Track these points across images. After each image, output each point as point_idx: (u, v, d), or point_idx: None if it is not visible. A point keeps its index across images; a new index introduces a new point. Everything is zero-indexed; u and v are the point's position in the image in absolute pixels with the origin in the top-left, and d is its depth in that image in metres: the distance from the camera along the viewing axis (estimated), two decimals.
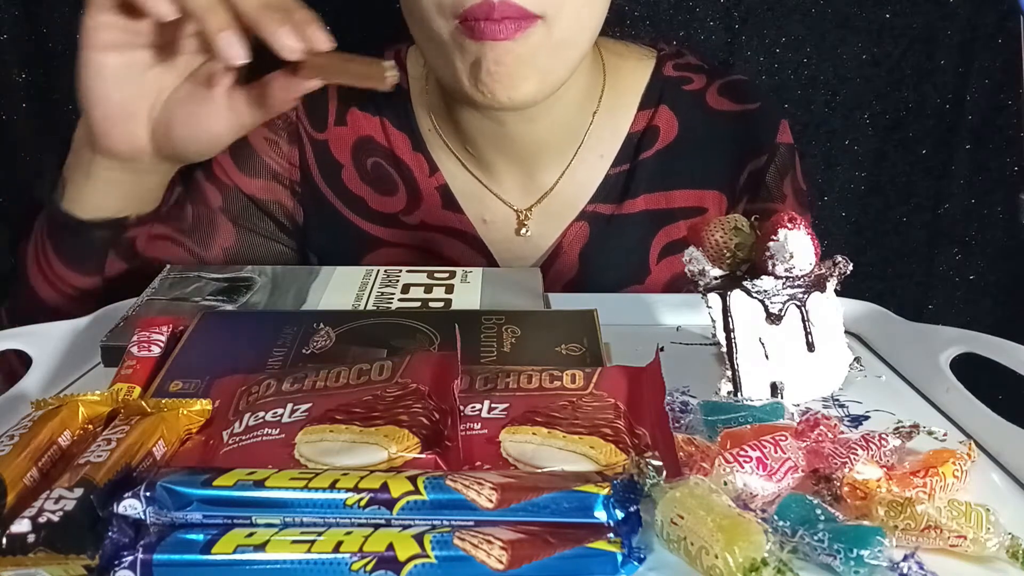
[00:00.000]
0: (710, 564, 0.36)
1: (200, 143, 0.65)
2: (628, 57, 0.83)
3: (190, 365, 0.52)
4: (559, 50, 0.67)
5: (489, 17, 0.62)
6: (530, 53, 0.65)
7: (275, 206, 0.82)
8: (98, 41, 0.60)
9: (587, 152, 0.81)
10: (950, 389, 0.54)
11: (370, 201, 0.82)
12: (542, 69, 0.67)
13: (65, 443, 0.42)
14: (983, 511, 0.39)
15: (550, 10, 0.64)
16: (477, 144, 0.79)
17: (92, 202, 0.68)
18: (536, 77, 0.67)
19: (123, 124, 0.64)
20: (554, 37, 0.65)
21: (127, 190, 0.69)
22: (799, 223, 0.50)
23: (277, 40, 0.57)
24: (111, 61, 0.61)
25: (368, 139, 0.82)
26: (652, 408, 0.45)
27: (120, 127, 0.64)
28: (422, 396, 0.44)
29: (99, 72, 0.61)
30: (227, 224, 0.80)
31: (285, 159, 0.82)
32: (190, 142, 0.65)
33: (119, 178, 0.67)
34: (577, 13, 0.66)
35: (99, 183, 0.67)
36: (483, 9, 0.62)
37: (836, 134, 1.05)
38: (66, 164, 0.69)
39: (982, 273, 1.10)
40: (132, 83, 0.62)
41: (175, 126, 0.64)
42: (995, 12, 1.00)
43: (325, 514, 0.36)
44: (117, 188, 0.68)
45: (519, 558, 0.34)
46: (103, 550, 0.35)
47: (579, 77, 0.75)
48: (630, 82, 0.82)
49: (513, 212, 0.81)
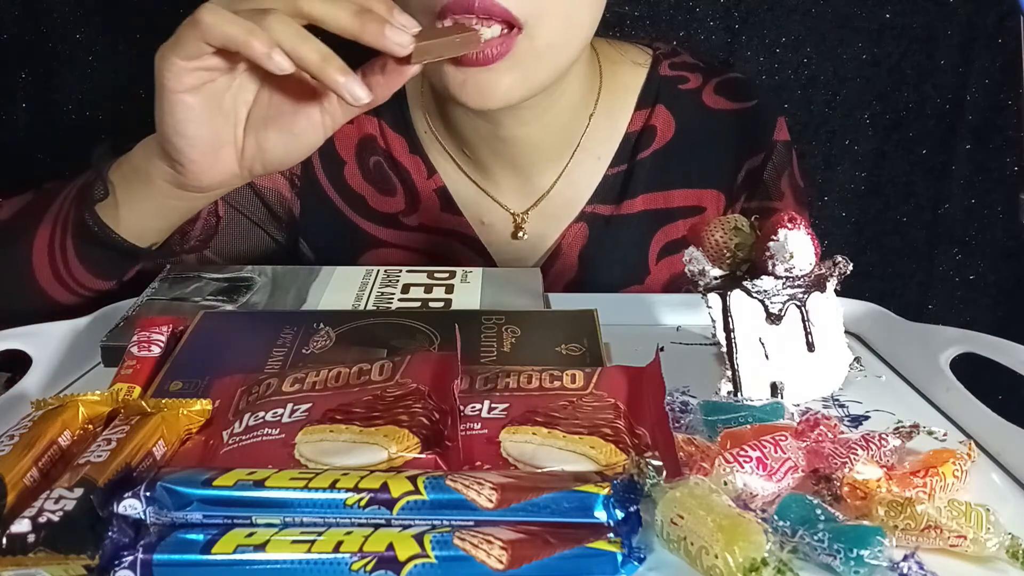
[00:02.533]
0: (710, 564, 0.36)
1: (293, 154, 0.61)
2: (624, 58, 0.83)
3: (190, 365, 0.52)
4: (544, 56, 0.66)
5: (470, 10, 0.60)
6: (513, 63, 0.64)
7: (272, 194, 0.81)
8: (186, 83, 0.55)
9: (584, 154, 0.81)
10: (950, 389, 0.54)
11: (370, 200, 0.82)
12: (523, 73, 0.66)
13: (65, 443, 0.42)
14: (983, 511, 0.39)
15: (531, 18, 0.62)
16: (473, 147, 0.79)
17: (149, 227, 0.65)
18: (515, 78, 0.65)
19: (214, 157, 0.59)
20: (537, 45, 0.64)
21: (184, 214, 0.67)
22: (799, 223, 0.50)
23: (387, 45, 0.54)
24: (198, 100, 0.56)
25: (371, 138, 0.82)
26: (652, 408, 0.45)
27: (212, 161, 0.59)
28: (422, 396, 0.44)
29: (187, 114, 0.56)
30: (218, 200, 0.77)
31: None
32: (284, 154, 0.61)
33: (189, 206, 0.65)
34: (562, 20, 0.65)
35: (161, 208, 0.64)
36: (462, 5, 0.60)
37: (836, 134, 1.06)
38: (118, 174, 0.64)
39: (982, 273, 1.10)
40: (218, 114, 0.58)
41: (268, 143, 0.60)
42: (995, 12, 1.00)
43: (325, 514, 0.36)
44: (181, 214, 0.66)
45: (519, 558, 0.34)
46: (103, 550, 0.35)
47: (575, 81, 0.75)
48: (626, 82, 0.82)
49: (509, 215, 0.81)
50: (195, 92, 0.56)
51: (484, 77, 0.64)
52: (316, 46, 0.53)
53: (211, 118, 0.57)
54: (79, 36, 0.98)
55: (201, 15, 0.52)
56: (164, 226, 0.67)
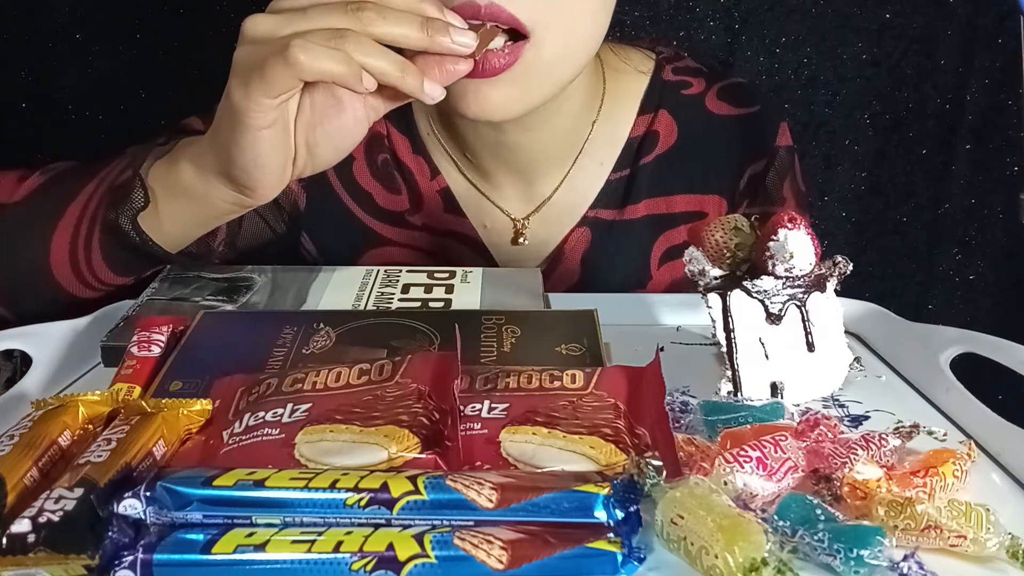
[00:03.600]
0: (710, 564, 0.36)
1: (341, 150, 0.61)
2: (627, 62, 0.83)
3: (190, 365, 0.52)
4: (549, 69, 0.65)
5: (476, 16, 0.60)
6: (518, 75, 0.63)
7: None
8: (270, 119, 0.55)
9: (586, 159, 0.81)
10: (950, 389, 0.54)
11: (377, 197, 0.82)
12: (524, 87, 0.65)
13: (65, 443, 0.42)
14: (983, 511, 0.39)
15: (539, 27, 0.62)
16: (475, 151, 0.79)
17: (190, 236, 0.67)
18: (516, 91, 0.65)
19: (282, 171, 0.60)
20: (544, 56, 0.63)
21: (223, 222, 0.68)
22: (799, 223, 0.50)
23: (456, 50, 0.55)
24: (274, 131, 0.57)
25: (379, 136, 0.82)
26: (652, 408, 0.45)
27: (279, 174, 0.60)
28: (422, 396, 0.44)
29: (267, 147, 0.57)
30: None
31: None
32: (333, 153, 0.61)
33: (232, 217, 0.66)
34: (569, 31, 0.64)
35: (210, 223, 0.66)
36: (468, 10, 0.59)
37: (836, 134, 1.06)
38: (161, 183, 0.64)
39: (982, 273, 1.10)
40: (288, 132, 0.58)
41: (317, 146, 0.60)
42: (995, 12, 1.00)
43: (325, 514, 0.36)
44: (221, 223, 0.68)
45: (519, 558, 0.34)
46: (103, 550, 0.35)
47: (579, 87, 0.75)
48: (629, 88, 0.82)
49: (510, 221, 0.81)
50: (273, 124, 0.56)
51: (485, 89, 0.64)
52: (394, 59, 0.54)
53: (286, 141, 0.58)
54: (79, 36, 0.98)
55: (294, 53, 0.52)
56: (200, 233, 0.68)
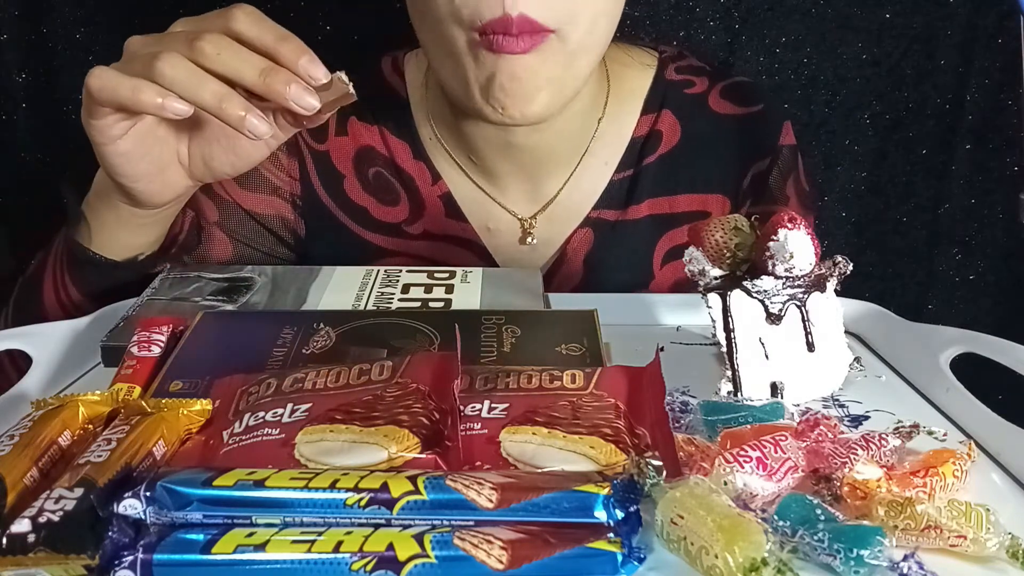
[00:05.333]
0: (710, 564, 0.36)
1: (239, 166, 0.64)
2: (631, 62, 0.83)
3: (190, 365, 0.52)
4: (573, 61, 0.67)
5: (507, 32, 0.62)
6: (545, 67, 0.65)
7: (276, 220, 0.82)
8: (111, 136, 0.57)
9: (592, 159, 0.81)
10: (950, 389, 0.54)
11: (372, 211, 0.82)
12: (556, 82, 0.67)
13: (65, 443, 0.42)
14: (983, 511, 0.39)
15: (565, 25, 0.64)
16: (481, 153, 0.79)
17: (126, 243, 0.68)
18: (549, 91, 0.67)
19: (162, 181, 0.62)
20: (568, 48, 0.65)
21: (161, 227, 0.70)
22: (799, 223, 0.50)
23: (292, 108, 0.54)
24: (129, 143, 0.58)
25: (369, 148, 0.81)
26: (652, 408, 0.45)
27: (160, 184, 0.62)
28: (422, 396, 0.44)
29: (122, 159, 0.59)
30: (223, 237, 0.80)
31: (285, 172, 0.81)
32: (230, 167, 0.64)
33: (155, 219, 0.68)
34: (591, 24, 0.66)
35: (133, 227, 0.67)
36: (502, 23, 0.62)
37: (836, 134, 1.05)
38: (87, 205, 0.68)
39: (982, 273, 1.10)
40: (154, 145, 0.60)
41: (213, 160, 0.63)
42: (995, 12, 1.00)
43: (325, 514, 0.36)
44: (153, 228, 0.69)
45: (519, 558, 0.34)
46: (103, 550, 0.35)
47: (585, 86, 0.75)
48: (632, 87, 0.82)
49: (517, 221, 0.81)
50: (125, 138, 0.58)
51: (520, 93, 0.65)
52: (212, 87, 0.53)
53: (147, 152, 0.60)
54: (79, 36, 0.98)
55: (88, 81, 0.54)
56: (143, 240, 0.69)
